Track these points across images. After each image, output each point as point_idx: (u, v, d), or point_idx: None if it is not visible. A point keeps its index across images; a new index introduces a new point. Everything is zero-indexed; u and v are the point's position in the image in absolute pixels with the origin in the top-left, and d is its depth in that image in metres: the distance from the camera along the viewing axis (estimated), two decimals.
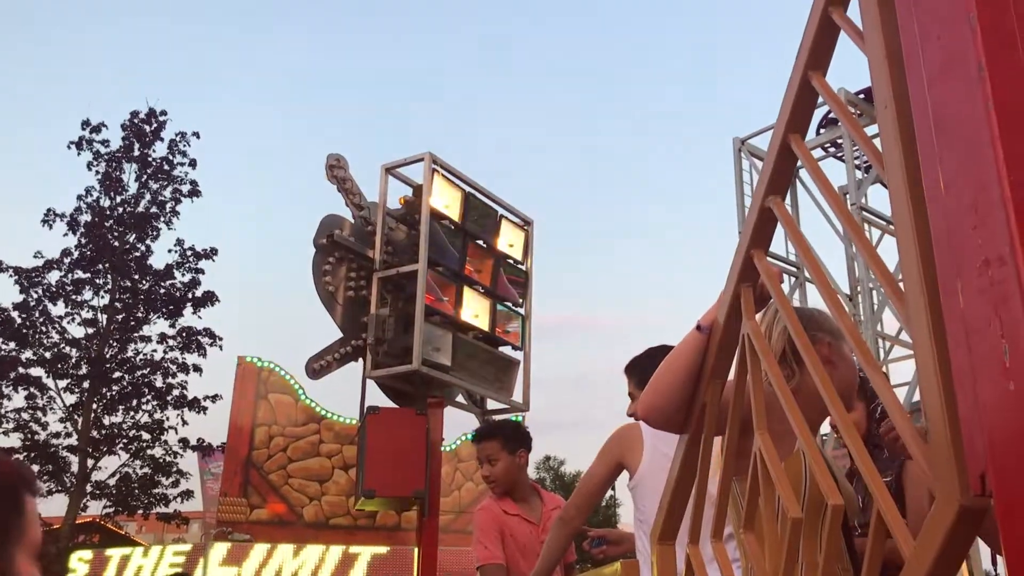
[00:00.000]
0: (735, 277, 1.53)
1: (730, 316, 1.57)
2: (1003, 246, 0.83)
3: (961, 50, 0.92)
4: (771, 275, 1.42)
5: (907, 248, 1.03)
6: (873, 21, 1.16)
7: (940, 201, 0.94)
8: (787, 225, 1.39)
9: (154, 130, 17.87)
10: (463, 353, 7.26)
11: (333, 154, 7.32)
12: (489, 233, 7.88)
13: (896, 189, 1.07)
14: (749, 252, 1.49)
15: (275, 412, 17.47)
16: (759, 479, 1.40)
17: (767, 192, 1.43)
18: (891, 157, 1.08)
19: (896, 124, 1.08)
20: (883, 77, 1.12)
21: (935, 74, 0.97)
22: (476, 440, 4.12)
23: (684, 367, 1.66)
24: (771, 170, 1.42)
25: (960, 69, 0.92)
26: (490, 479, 3.94)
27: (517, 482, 3.97)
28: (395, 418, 7.11)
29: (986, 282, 0.85)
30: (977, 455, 0.87)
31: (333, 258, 7.29)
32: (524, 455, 4.01)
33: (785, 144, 1.39)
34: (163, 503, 16.68)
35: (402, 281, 7.18)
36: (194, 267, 17.52)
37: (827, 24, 1.32)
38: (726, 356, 1.62)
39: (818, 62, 1.35)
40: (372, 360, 7.08)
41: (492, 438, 4.00)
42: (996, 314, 0.83)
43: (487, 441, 3.99)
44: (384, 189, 7.51)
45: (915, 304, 1.00)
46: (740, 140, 17.13)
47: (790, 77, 1.40)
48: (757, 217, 1.46)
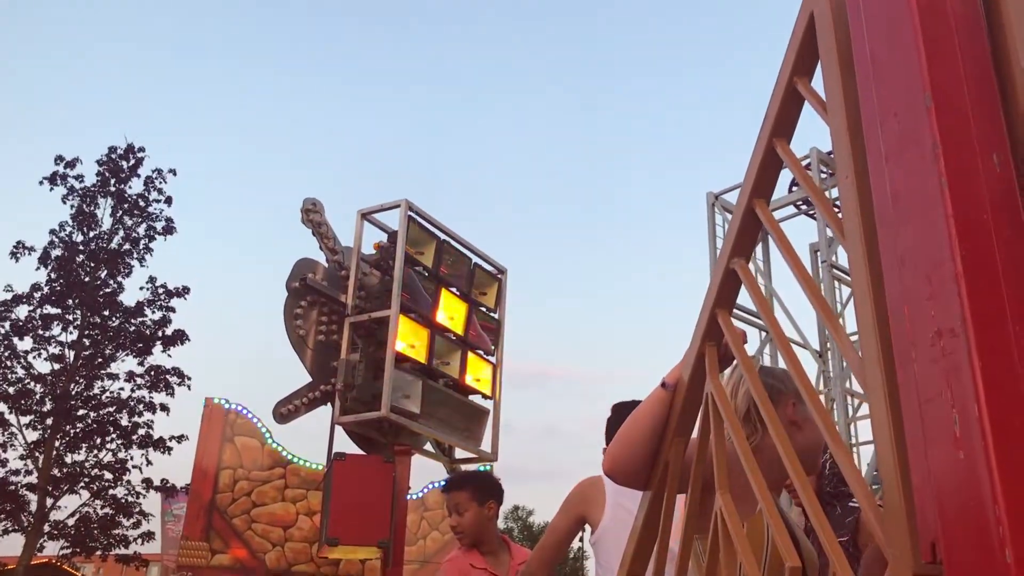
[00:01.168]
0: (700, 336, 1.55)
1: (694, 374, 1.59)
2: (955, 319, 0.85)
3: (916, 128, 0.95)
4: (735, 336, 1.44)
5: (864, 316, 1.05)
6: (835, 94, 1.19)
7: (896, 272, 0.97)
8: (750, 287, 1.41)
9: (131, 166, 17.83)
10: (433, 401, 7.22)
11: (309, 198, 7.33)
12: (462, 280, 7.89)
13: (855, 258, 1.10)
14: (714, 311, 1.51)
15: (241, 455, 17.23)
16: (719, 540, 1.40)
17: (732, 254, 1.46)
18: (851, 226, 1.11)
19: (856, 195, 1.11)
20: (844, 149, 1.15)
21: (892, 150, 1.00)
22: (446, 489, 4.09)
23: (648, 424, 1.67)
24: (736, 232, 1.45)
25: (916, 147, 0.95)
26: (457, 530, 3.89)
27: (485, 534, 3.93)
28: (362, 465, 7.04)
29: (938, 352, 0.87)
30: (928, 523, 0.88)
31: (305, 302, 7.26)
32: (494, 506, 3.97)
33: (750, 208, 1.42)
34: (123, 544, 16.31)
35: (373, 327, 7.16)
36: (165, 305, 17.38)
37: (792, 93, 1.36)
38: (690, 414, 1.63)
39: (783, 129, 1.38)
40: (341, 406, 7.02)
41: (462, 488, 3.96)
42: (947, 384, 0.85)
43: (456, 491, 3.96)
44: (359, 234, 7.52)
45: (871, 371, 1.02)
46: (714, 195, 17.32)
47: (756, 143, 1.44)
48: (722, 278, 1.49)
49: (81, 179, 17.36)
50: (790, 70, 1.36)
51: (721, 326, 1.50)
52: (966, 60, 0.97)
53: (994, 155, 0.93)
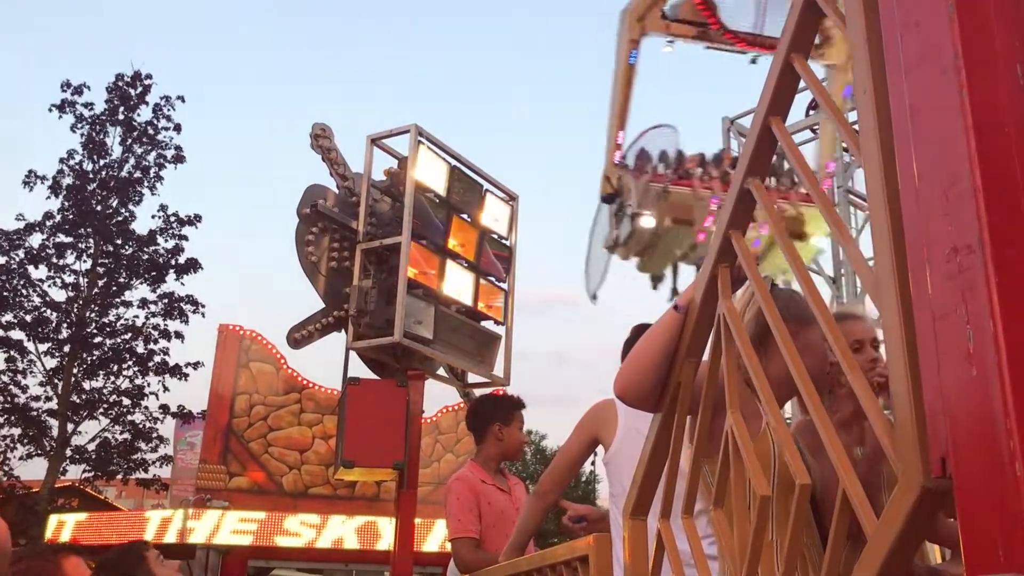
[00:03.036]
0: (713, 257, 1.54)
1: (707, 296, 1.58)
2: (972, 235, 0.84)
3: (938, 39, 0.93)
4: (748, 256, 1.43)
5: (880, 233, 1.04)
6: (855, 5, 1.16)
7: (913, 188, 0.95)
8: (766, 206, 1.40)
9: (139, 94, 17.66)
10: (445, 327, 7.27)
11: (319, 123, 7.27)
12: (474, 207, 7.86)
13: (871, 175, 1.08)
14: (728, 233, 1.50)
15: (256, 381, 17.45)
16: (730, 458, 1.41)
17: (747, 173, 1.44)
18: (868, 143, 1.09)
19: (874, 110, 1.09)
20: (863, 62, 1.12)
21: (913, 62, 0.98)
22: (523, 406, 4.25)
23: (660, 346, 1.67)
24: (751, 151, 1.43)
25: (936, 58, 0.93)
26: None
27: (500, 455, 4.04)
28: (376, 389, 7.12)
29: (954, 269, 0.86)
30: (939, 439, 0.89)
31: (316, 228, 7.26)
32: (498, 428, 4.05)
33: (766, 126, 1.40)
34: (142, 469, 16.64)
35: (385, 253, 7.16)
36: (178, 233, 17.38)
37: (811, 5, 1.32)
38: (702, 335, 1.63)
39: (801, 44, 1.35)
40: (354, 332, 7.08)
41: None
42: (963, 301, 0.85)
43: None
44: (369, 160, 7.47)
45: (886, 288, 1.01)
46: (729, 120, 17.07)
47: (772, 60, 1.41)
48: (737, 198, 1.47)
49: (91, 107, 17.23)
50: None
51: (735, 247, 1.49)
52: None
53: (1018, 66, 0.90)
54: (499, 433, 4.01)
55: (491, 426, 4.01)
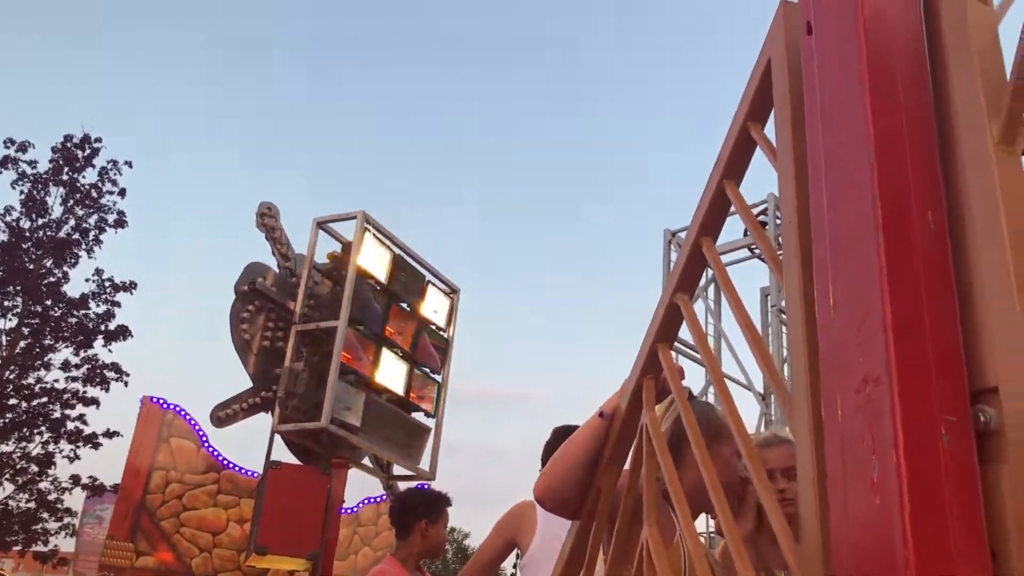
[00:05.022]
0: (639, 368, 1.56)
1: (631, 405, 1.60)
2: (880, 367, 0.88)
3: (858, 179, 0.98)
4: (673, 370, 1.46)
5: (797, 357, 1.08)
6: (785, 140, 1.22)
7: (829, 318, 0.99)
8: (690, 323, 1.43)
9: (87, 156, 17.52)
10: (374, 415, 7.18)
11: (265, 202, 7.28)
12: (414, 297, 7.88)
13: (792, 300, 1.12)
14: (654, 345, 1.52)
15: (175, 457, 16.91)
16: (643, 570, 1.41)
17: (676, 289, 1.48)
18: (790, 270, 1.14)
19: (797, 239, 1.13)
20: (789, 194, 1.18)
21: (834, 198, 1.03)
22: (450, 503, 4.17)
23: (583, 452, 1.68)
24: (681, 268, 1.47)
25: (856, 197, 0.98)
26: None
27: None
28: (297, 475, 6.96)
29: (863, 399, 0.89)
30: (843, 562, 0.90)
31: (253, 306, 7.19)
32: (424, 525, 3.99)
33: (697, 245, 1.45)
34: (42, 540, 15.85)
35: (320, 336, 7.11)
36: (111, 299, 17.04)
37: (745, 137, 1.38)
38: (625, 444, 1.65)
39: (734, 172, 1.41)
40: (281, 414, 6.95)
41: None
42: (869, 431, 0.87)
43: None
44: (313, 242, 7.48)
45: (799, 412, 1.04)
46: (671, 232, 17.53)
47: (707, 183, 1.47)
48: (664, 313, 1.50)
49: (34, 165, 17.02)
50: (744, 114, 1.39)
51: (661, 360, 1.52)
52: (910, 117, 1.00)
53: (929, 212, 0.95)
54: (425, 530, 3.94)
55: (418, 522, 3.95)
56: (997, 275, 0.86)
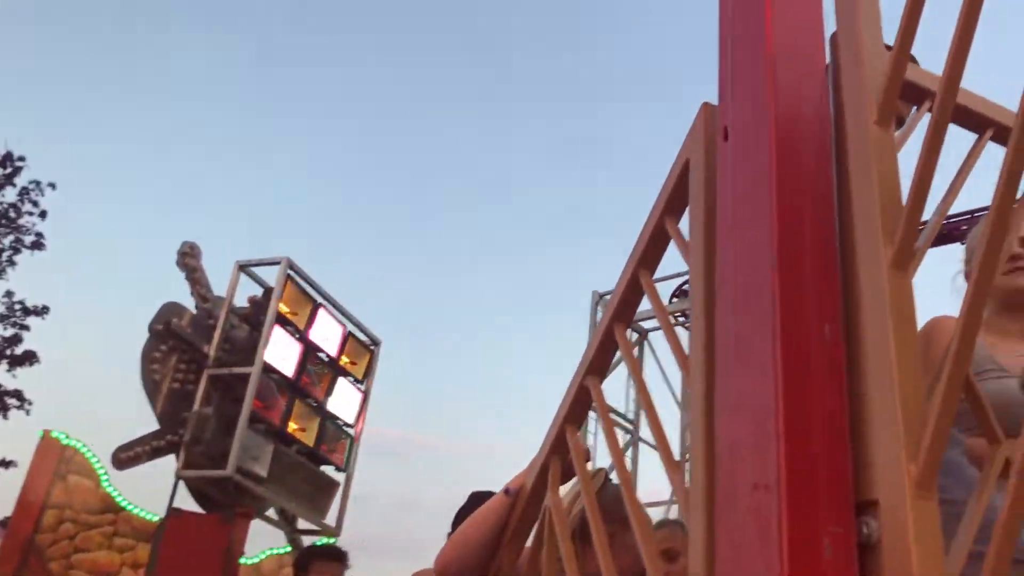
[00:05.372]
0: (547, 448, 1.57)
1: (536, 485, 1.60)
2: (771, 474, 0.90)
3: (761, 287, 1.01)
4: (578, 452, 1.47)
5: (696, 456, 1.10)
6: (697, 239, 1.26)
7: (728, 418, 1.02)
8: (600, 408, 1.45)
9: (8, 174, 17.00)
10: (282, 466, 7.02)
11: (188, 241, 7.15)
12: (333, 347, 7.78)
13: (696, 396, 1.14)
14: (563, 426, 1.54)
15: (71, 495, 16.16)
16: None
17: (587, 372, 1.50)
18: (696, 368, 1.16)
19: (703, 336, 1.16)
20: (699, 291, 1.21)
21: (738, 301, 1.06)
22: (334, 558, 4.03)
23: (486, 528, 1.67)
24: (593, 351, 1.49)
25: (758, 303, 1.01)
26: None
27: None
28: (197, 523, 6.74)
29: (754, 504, 0.92)
30: None
31: (166, 346, 7.01)
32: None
33: (609, 330, 1.47)
34: None
35: (233, 382, 6.95)
36: (20, 322, 16.41)
37: (660, 230, 1.42)
38: (528, 523, 1.65)
39: (648, 262, 1.44)
40: (186, 459, 6.75)
41: (341, 562, 3.99)
42: (758, 537, 0.89)
43: (341, 565, 3.97)
44: (234, 285, 7.35)
45: (695, 510, 1.06)
46: (599, 294, 17.69)
47: (623, 270, 1.50)
48: (575, 394, 1.52)
49: None
50: (661, 209, 1.43)
51: (568, 441, 1.53)
52: (813, 231, 1.05)
53: (826, 325, 0.99)
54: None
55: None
56: (883, 391, 0.90)
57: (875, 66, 1.06)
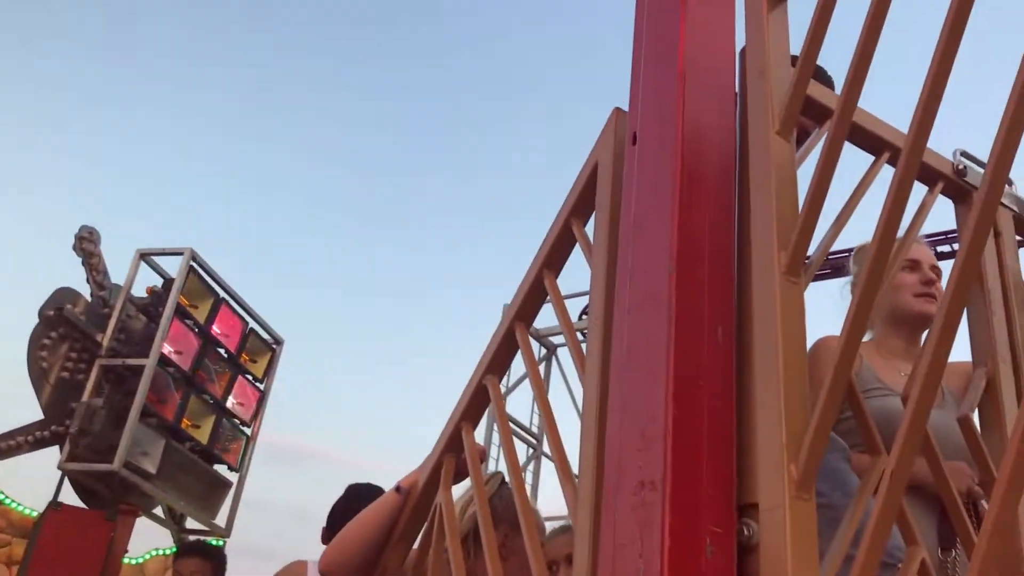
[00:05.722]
0: (441, 445, 1.56)
1: (429, 483, 1.59)
2: (656, 473, 0.90)
3: (657, 290, 1.02)
4: (473, 452, 1.46)
5: (586, 454, 1.10)
6: (601, 242, 1.27)
7: (618, 417, 1.02)
8: (497, 408, 1.44)
9: None
10: (173, 463, 6.80)
11: (86, 226, 6.89)
12: (234, 344, 7.59)
13: (588, 396, 1.15)
14: (459, 424, 1.52)
15: None
16: None
17: (486, 371, 1.49)
18: (591, 365, 1.17)
19: (600, 338, 1.17)
20: (598, 293, 1.22)
21: (635, 304, 1.07)
22: (208, 556, 3.90)
23: (374, 527, 1.64)
24: (493, 351, 1.48)
25: (654, 306, 1.02)
26: None
27: None
28: (79, 519, 6.47)
29: (638, 502, 0.92)
30: None
31: (56, 333, 6.72)
32: None
33: (510, 330, 1.47)
34: None
35: (126, 373, 6.70)
36: None
37: (567, 232, 1.43)
38: (418, 522, 1.62)
39: (553, 263, 1.45)
40: (70, 451, 6.46)
41: (209, 559, 3.84)
42: (640, 535, 0.90)
43: (204, 559, 3.82)
44: (133, 274, 7.10)
45: (583, 510, 1.06)
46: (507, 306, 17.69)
47: (527, 271, 1.50)
48: (473, 392, 1.51)
49: None
50: (569, 210, 1.44)
51: (463, 440, 1.51)
52: (712, 239, 1.06)
53: (719, 329, 1.01)
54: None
55: None
56: (769, 395, 0.92)
57: (780, 80, 1.09)
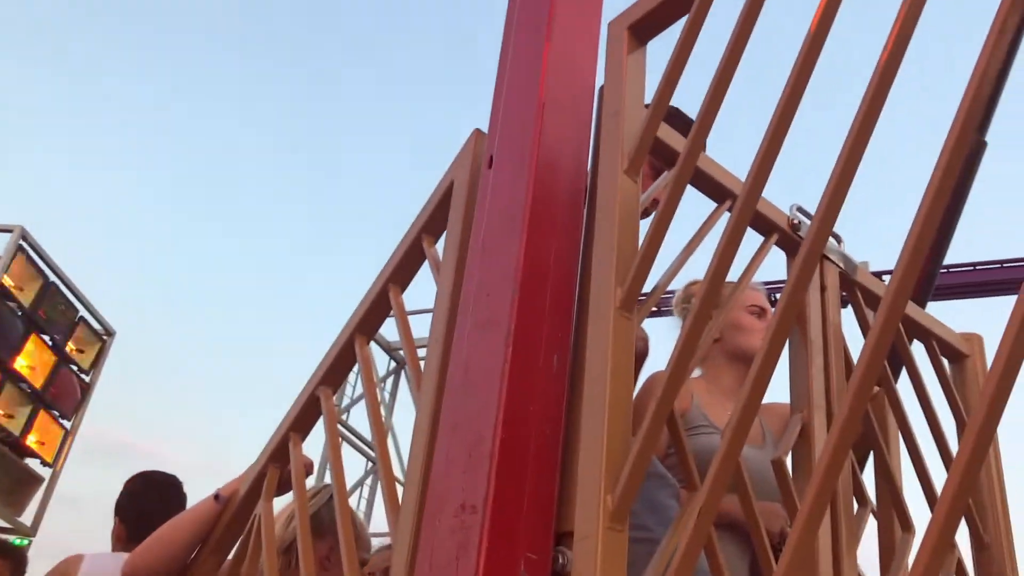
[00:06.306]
0: (266, 455, 1.51)
1: (250, 493, 1.53)
2: (479, 495, 0.90)
3: (500, 312, 1.03)
4: (299, 464, 1.42)
5: (413, 474, 1.09)
6: (449, 261, 1.26)
7: (448, 437, 1.02)
8: (328, 420, 1.41)
9: None
10: None
11: None
12: (61, 331, 7.16)
13: (421, 415, 1.14)
14: (287, 434, 1.48)
15: None
16: None
17: (320, 381, 1.46)
18: (427, 388, 1.16)
19: (439, 356, 1.16)
20: (441, 312, 1.21)
21: (477, 324, 1.07)
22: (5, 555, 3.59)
23: (188, 535, 1.57)
24: (329, 363, 1.45)
25: (495, 329, 1.02)
26: None
27: None
28: None
29: (458, 524, 0.91)
30: None
31: None
32: None
33: (349, 341, 1.44)
34: None
35: None
36: None
37: (416, 247, 1.42)
38: (235, 532, 1.57)
39: (400, 277, 1.43)
40: None
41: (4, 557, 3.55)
42: (456, 557, 0.89)
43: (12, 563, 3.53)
44: None
45: (403, 530, 1.05)
46: None
47: (373, 282, 1.48)
48: (305, 403, 1.47)
49: None
50: (421, 226, 1.43)
51: (290, 450, 1.47)
52: (556, 267, 1.08)
53: (555, 356, 1.02)
54: None
55: None
56: (593, 424, 0.93)
57: (632, 121, 1.12)
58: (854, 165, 0.73)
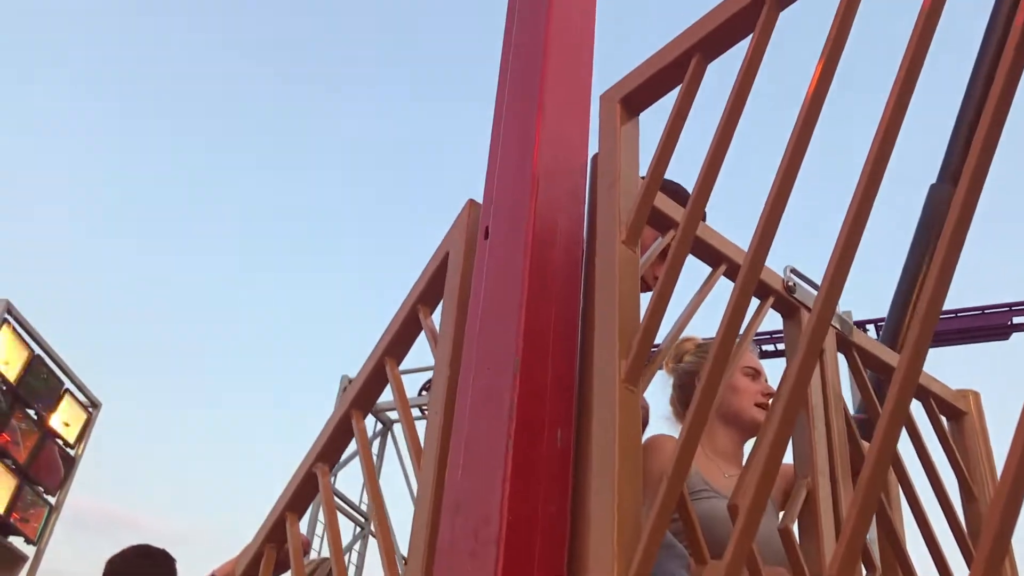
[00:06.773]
0: (263, 535, 1.48)
1: (248, 571, 1.50)
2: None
3: (501, 388, 1.02)
4: (296, 543, 1.40)
5: (415, 553, 1.06)
6: (447, 333, 1.26)
7: (451, 518, 1.00)
8: (325, 498, 1.39)
9: None
10: None
11: None
12: (46, 405, 7.07)
13: (422, 496, 1.12)
14: (283, 513, 1.46)
15: None
16: None
17: (316, 459, 1.44)
18: (428, 464, 1.14)
19: (439, 432, 1.15)
20: (440, 385, 1.20)
21: (478, 400, 1.06)
22: None
23: None
24: (325, 439, 1.43)
25: (496, 404, 1.01)
26: None
27: None
28: None
29: None
30: None
31: None
32: None
33: (346, 417, 1.43)
34: None
35: None
36: None
37: (412, 318, 1.41)
38: None
39: (396, 349, 1.42)
40: None
41: None
42: None
43: None
44: None
45: None
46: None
47: (369, 355, 1.47)
48: (301, 481, 1.45)
49: None
50: (417, 297, 1.42)
51: (287, 531, 1.45)
52: (556, 342, 1.07)
53: (559, 430, 1.01)
54: None
55: None
56: (603, 505, 0.92)
57: (628, 191, 1.12)
58: (851, 254, 0.73)
